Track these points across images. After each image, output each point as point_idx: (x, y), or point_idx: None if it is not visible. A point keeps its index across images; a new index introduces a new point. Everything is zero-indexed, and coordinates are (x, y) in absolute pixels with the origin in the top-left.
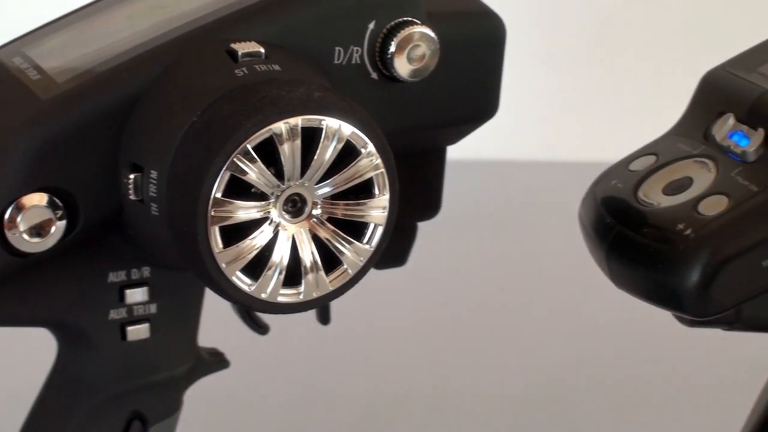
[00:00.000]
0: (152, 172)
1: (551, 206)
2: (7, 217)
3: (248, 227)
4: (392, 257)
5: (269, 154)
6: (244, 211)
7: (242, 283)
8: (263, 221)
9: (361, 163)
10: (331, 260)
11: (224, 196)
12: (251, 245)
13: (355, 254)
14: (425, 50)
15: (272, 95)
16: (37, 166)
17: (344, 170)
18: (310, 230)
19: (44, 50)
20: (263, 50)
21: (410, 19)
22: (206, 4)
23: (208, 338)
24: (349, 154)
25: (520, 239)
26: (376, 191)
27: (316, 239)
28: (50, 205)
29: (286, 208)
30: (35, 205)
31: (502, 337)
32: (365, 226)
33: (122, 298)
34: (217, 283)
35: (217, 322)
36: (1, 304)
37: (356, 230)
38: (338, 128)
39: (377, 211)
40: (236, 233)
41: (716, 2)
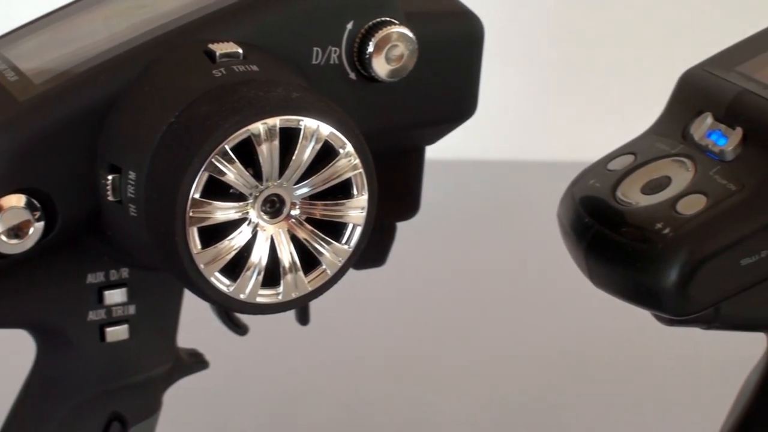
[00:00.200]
0: (130, 173)
1: (530, 206)
2: None
3: (227, 228)
4: (371, 257)
5: (247, 154)
6: (222, 211)
7: (221, 283)
8: (242, 222)
9: (339, 163)
10: (309, 261)
11: (202, 196)
12: (230, 246)
13: (333, 255)
14: (403, 50)
15: (250, 96)
16: (14, 167)
17: (323, 170)
18: (288, 231)
19: (22, 51)
20: (241, 51)
21: (388, 19)
22: (184, 4)
23: (187, 339)
24: (327, 154)
25: (499, 239)
26: (354, 191)
27: (294, 240)
28: (28, 206)
29: (264, 208)
30: (13, 206)
31: (481, 337)
32: (344, 226)
33: (101, 299)
34: (195, 284)
35: (196, 323)
36: None
37: (335, 231)
38: (316, 128)
39: (356, 211)
40: (215, 234)
41: (694, 2)
